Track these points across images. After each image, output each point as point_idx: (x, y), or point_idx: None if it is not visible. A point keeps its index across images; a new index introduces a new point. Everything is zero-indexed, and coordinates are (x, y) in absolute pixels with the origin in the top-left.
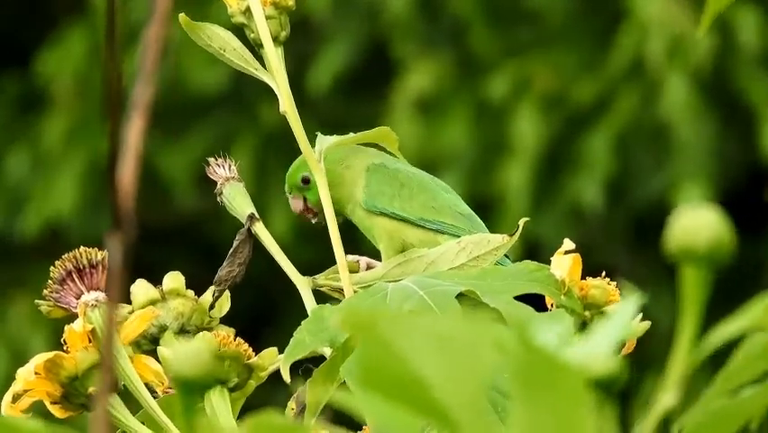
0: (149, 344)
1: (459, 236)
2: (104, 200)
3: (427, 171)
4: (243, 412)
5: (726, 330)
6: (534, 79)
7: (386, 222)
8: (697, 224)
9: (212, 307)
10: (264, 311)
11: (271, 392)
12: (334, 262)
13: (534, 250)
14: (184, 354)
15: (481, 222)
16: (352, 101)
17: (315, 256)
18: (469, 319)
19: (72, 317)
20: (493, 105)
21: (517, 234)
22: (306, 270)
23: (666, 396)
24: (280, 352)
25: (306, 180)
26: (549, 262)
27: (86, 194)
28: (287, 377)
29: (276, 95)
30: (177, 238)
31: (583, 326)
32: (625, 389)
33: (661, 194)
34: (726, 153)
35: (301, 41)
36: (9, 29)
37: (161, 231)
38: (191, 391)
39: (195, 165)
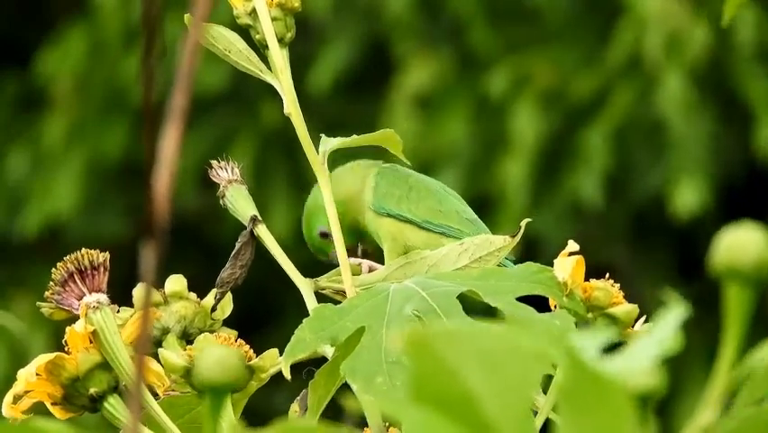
0: (152, 346)
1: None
2: (103, 200)
3: (427, 168)
4: (245, 413)
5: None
6: (533, 75)
7: (391, 223)
8: (742, 243)
9: (214, 309)
10: (260, 313)
11: (272, 394)
12: (332, 264)
13: (534, 246)
14: (213, 360)
15: (486, 228)
16: (352, 100)
17: (313, 258)
18: (518, 334)
19: (73, 318)
20: (492, 101)
21: (519, 235)
22: (305, 271)
23: (705, 413)
24: (279, 354)
25: (325, 234)
26: (548, 258)
27: (85, 193)
28: (288, 375)
29: (277, 95)
30: (176, 238)
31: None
32: None
33: (658, 190)
34: (723, 149)
35: (301, 42)
36: (9, 29)
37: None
38: (220, 396)
39: (195, 165)
